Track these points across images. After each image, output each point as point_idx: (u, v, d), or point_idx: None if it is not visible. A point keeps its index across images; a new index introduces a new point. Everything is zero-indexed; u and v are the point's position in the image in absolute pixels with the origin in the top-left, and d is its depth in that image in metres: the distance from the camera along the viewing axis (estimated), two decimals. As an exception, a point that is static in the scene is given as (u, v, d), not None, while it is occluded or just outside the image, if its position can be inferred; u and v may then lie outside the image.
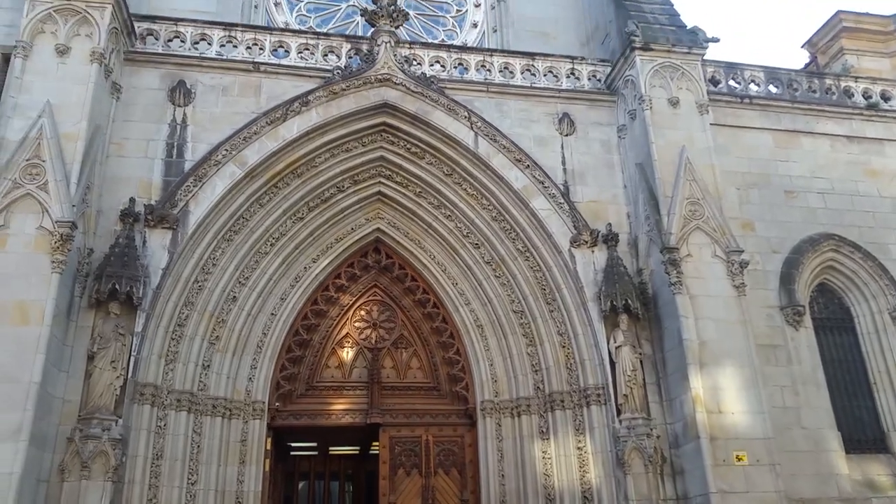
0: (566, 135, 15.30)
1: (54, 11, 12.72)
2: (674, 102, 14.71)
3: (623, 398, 13.14)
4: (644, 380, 13.46)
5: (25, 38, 12.50)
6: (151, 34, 14.33)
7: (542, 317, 14.37)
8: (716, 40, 15.20)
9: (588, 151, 15.27)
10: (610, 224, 14.42)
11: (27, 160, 11.62)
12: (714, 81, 16.14)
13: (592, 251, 14.14)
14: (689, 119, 14.68)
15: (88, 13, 12.77)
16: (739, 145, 15.86)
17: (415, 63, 15.33)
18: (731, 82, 16.40)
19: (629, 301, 13.46)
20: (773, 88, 16.61)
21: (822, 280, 15.64)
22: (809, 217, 15.65)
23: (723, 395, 12.66)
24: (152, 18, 14.52)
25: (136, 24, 14.02)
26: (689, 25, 15.59)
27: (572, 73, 15.88)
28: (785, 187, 15.82)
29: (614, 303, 13.43)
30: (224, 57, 14.45)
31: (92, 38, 12.69)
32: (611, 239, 14.16)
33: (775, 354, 14.22)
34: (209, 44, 14.51)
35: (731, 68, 16.49)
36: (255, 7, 17.14)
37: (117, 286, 11.78)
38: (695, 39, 15.19)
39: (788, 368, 14.20)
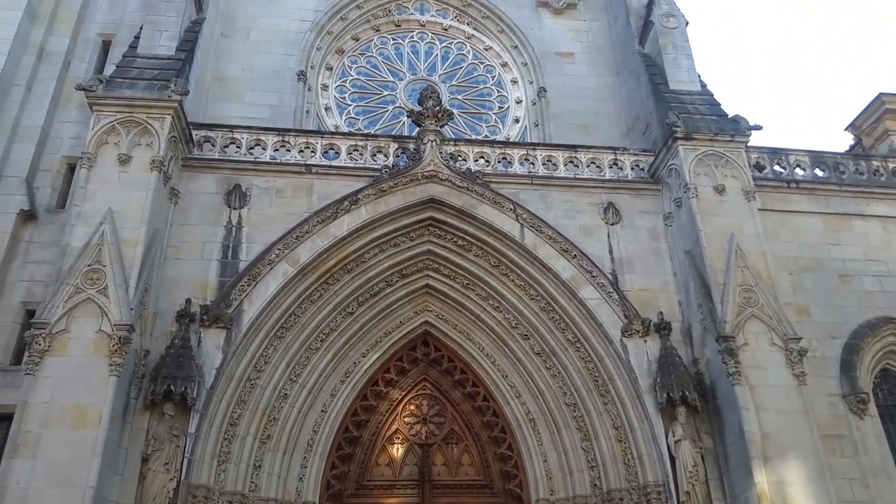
0: (612, 224, 15.34)
1: (118, 123, 13.46)
2: (720, 190, 14.71)
3: (685, 495, 12.61)
4: (706, 475, 12.93)
5: (90, 149, 13.21)
6: (208, 141, 15.01)
7: (597, 410, 14.02)
8: (758, 128, 15.30)
9: (635, 240, 15.24)
10: (661, 313, 14.22)
11: (89, 265, 12.07)
12: (759, 167, 16.16)
13: (645, 341, 13.88)
14: (736, 206, 14.63)
15: (149, 124, 13.48)
16: (789, 230, 15.70)
17: (460, 159, 15.71)
18: (777, 167, 16.41)
19: (686, 392, 13.09)
20: (819, 172, 16.54)
21: (885, 365, 15.07)
22: (866, 301, 15.24)
23: (789, 491, 12.06)
24: (209, 126, 15.25)
25: (193, 132, 14.73)
26: (731, 114, 15.76)
27: (615, 164, 16.07)
28: (838, 271, 15.52)
29: (671, 394, 13.07)
30: (277, 161, 15.02)
31: (152, 147, 13.34)
32: (663, 328, 13.92)
33: (841, 445, 13.61)
34: (263, 148, 15.13)
35: (776, 153, 16.52)
36: (307, 112, 17.90)
37: (172, 387, 11.93)
38: (737, 128, 15.31)
39: (856, 459, 13.54)
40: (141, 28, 15.45)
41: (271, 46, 18.42)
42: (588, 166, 16.05)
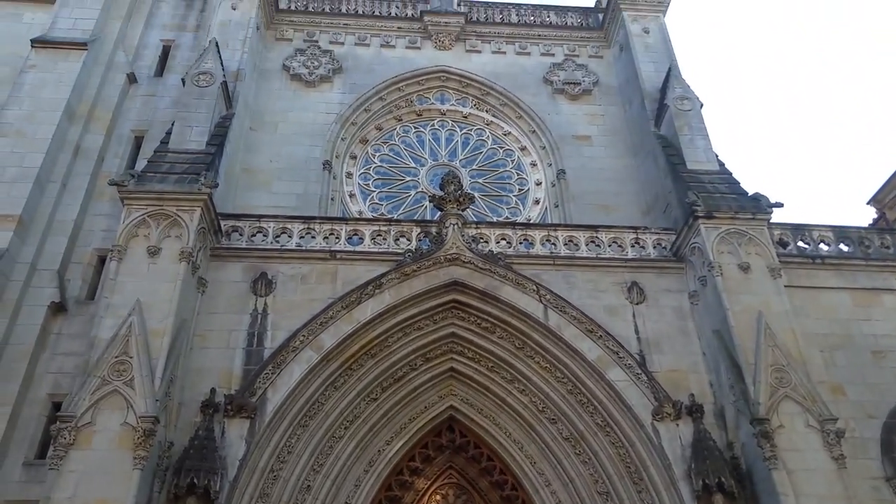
0: (637, 303, 15.23)
1: (148, 216, 13.86)
2: (744, 268, 14.61)
3: (726, 587, 11.98)
4: (747, 566, 12.30)
5: (121, 241, 13.56)
6: (236, 230, 15.36)
7: (630, 498, 13.54)
8: (779, 205, 15.33)
9: (661, 319, 15.08)
10: (692, 394, 13.90)
11: (116, 357, 12.19)
12: (782, 243, 16.09)
13: (677, 424, 13.52)
14: (762, 283, 14.49)
15: (179, 216, 13.86)
16: (817, 306, 15.45)
17: (482, 241, 15.85)
18: (800, 243, 16.30)
19: (723, 479, 12.62)
20: (844, 247, 16.41)
21: (929, 444, 14.41)
22: (903, 377, 14.77)
23: (836, 583, 11.41)
24: (237, 216, 15.63)
25: (222, 223, 15.08)
26: (751, 191, 15.84)
27: (637, 243, 16.10)
28: (871, 347, 15.14)
29: (707, 481, 12.61)
30: (303, 248, 15.28)
31: (181, 239, 13.67)
32: (695, 410, 13.57)
33: (888, 533, 12.94)
34: (289, 236, 15.43)
35: (799, 229, 16.46)
36: (332, 199, 18.32)
37: (195, 480, 11.77)
38: (758, 205, 15.35)
39: (905, 549, 12.83)
40: (173, 124, 16.12)
41: (298, 138, 19.04)
42: (610, 246, 16.09)
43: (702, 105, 17.89)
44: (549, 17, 22.56)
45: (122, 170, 16.31)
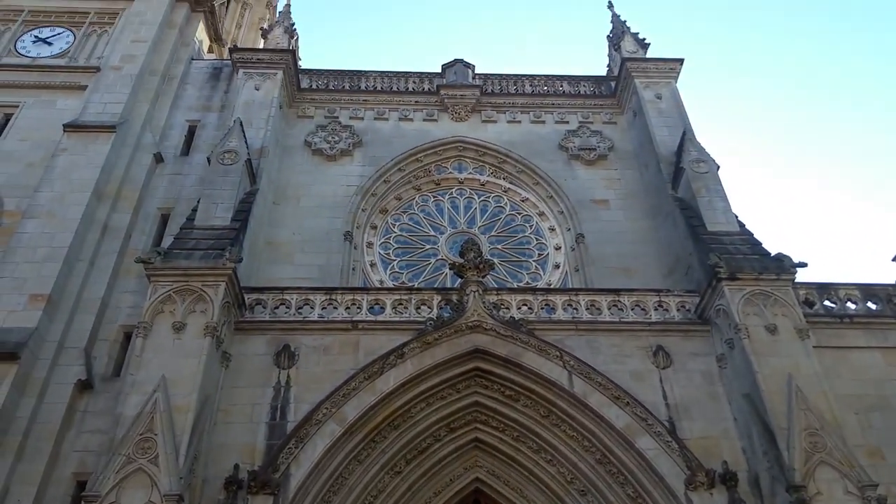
0: (663, 368, 15.02)
1: (174, 292, 14.07)
2: (771, 329, 14.41)
3: None
4: None
5: (147, 318, 13.74)
6: (259, 303, 15.52)
7: (665, 572, 13.03)
8: (803, 265, 15.22)
9: (689, 384, 14.82)
10: (725, 462, 13.51)
11: (140, 434, 12.18)
12: (809, 303, 15.89)
13: (711, 493, 13.11)
14: (790, 345, 14.25)
15: (204, 291, 14.06)
16: (848, 367, 15.13)
17: (503, 308, 15.84)
18: (827, 302, 16.10)
19: (761, 550, 12.14)
20: (871, 305, 16.16)
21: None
22: (943, 438, 14.28)
23: None
24: (260, 289, 15.82)
25: (245, 296, 15.26)
26: (773, 251, 15.79)
27: (660, 306, 15.99)
28: (908, 407, 14.69)
29: (745, 553, 12.14)
30: (325, 319, 15.37)
31: (206, 314, 13.83)
32: (729, 479, 13.17)
33: None
34: (312, 307, 15.54)
35: (824, 288, 16.28)
36: (353, 269, 18.50)
37: (218, 561, 11.54)
38: (781, 266, 15.25)
39: None
40: (198, 201, 16.53)
41: (319, 211, 19.39)
42: (633, 309, 15.99)
43: (718, 167, 18.05)
44: (562, 86, 23.10)
45: (149, 247, 16.67)
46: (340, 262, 18.33)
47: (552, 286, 18.58)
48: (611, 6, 24.67)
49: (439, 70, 23.23)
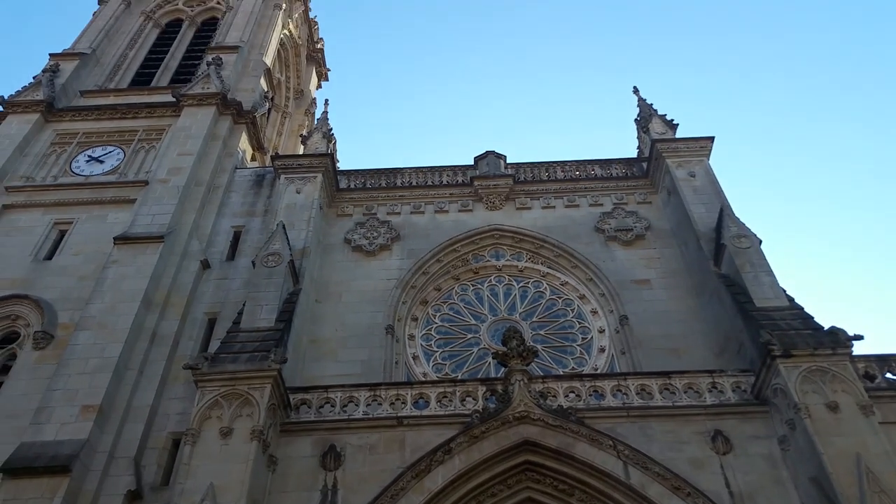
0: (723, 453, 14.37)
1: (220, 397, 14.18)
2: (832, 407, 13.78)
3: None
4: None
5: (195, 425, 13.83)
6: (305, 403, 15.52)
7: None
8: (859, 337, 14.68)
9: (752, 470, 14.12)
10: (799, 553, 12.68)
11: (189, 545, 11.98)
12: (869, 376, 15.20)
13: (786, 589, 12.23)
14: (854, 423, 13.58)
15: (250, 395, 14.14)
16: (921, 442, 14.22)
17: (550, 396, 15.52)
18: (889, 374, 15.36)
19: None
20: (937, 374, 15.38)
21: None
22: None
23: None
24: (305, 389, 15.85)
25: (291, 397, 15.27)
26: (826, 325, 15.27)
27: (714, 387, 15.47)
28: None
29: None
30: (370, 416, 15.25)
31: (252, 417, 13.86)
32: (804, 571, 12.32)
33: None
34: (356, 405, 15.47)
35: (884, 360, 15.58)
36: (396, 363, 18.46)
37: None
38: (836, 340, 14.72)
39: None
40: (244, 304, 16.87)
41: (361, 306, 19.58)
42: (686, 392, 15.50)
43: (760, 241, 17.80)
44: (593, 170, 23.37)
45: (196, 352, 16.95)
46: (383, 357, 18.30)
47: (599, 371, 18.19)
48: (636, 91, 25.20)
49: (472, 162, 23.79)
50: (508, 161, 23.73)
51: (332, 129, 24.89)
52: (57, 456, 14.14)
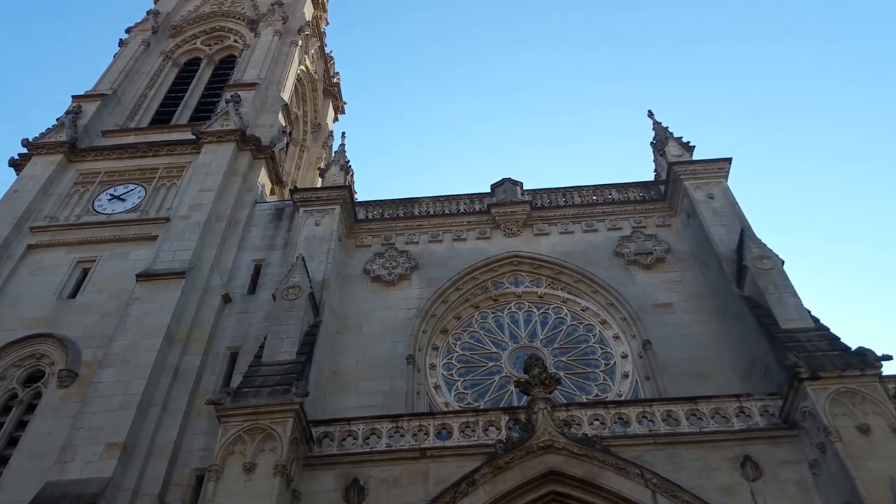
0: (753, 480, 14.06)
1: (243, 432, 14.16)
2: (864, 430, 13.47)
3: None
4: None
5: (218, 460, 13.81)
6: (327, 436, 15.46)
7: None
8: (888, 357, 14.38)
9: (783, 496, 13.80)
10: (836, 583, 12.30)
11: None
12: (900, 398, 14.84)
13: None
14: (887, 445, 13.27)
15: (273, 429, 14.12)
16: (957, 463, 13.82)
17: (574, 424, 15.32)
18: (922, 396, 14.99)
19: None
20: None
21: None
22: None
23: None
24: (327, 422, 15.80)
25: (313, 430, 15.22)
26: (853, 346, 15.01)
27: (742, 412, 15.20)
28: None
29: None
30: (393, 447, 15.16)
31: (275, 452, 13.82)
32: None
33: None
34: (378, 437, 15.40)
35: (915, 380, 15.22)
36: (417, 393, 18.36)
37: None
38: (865, 361, 14.44)
39: None
40: (265, 338, 16.91)
41: (381, 336, 19.55)
42: (713, 417, 15.24)
43: (783, 262, 17.58)
44: (610, 194, 23.33)
45: (219, 387, 17.00)
46: (405, 387, 18.21)
47: (623, 397, 17.96)
48: (651, 115, 25.18)
49: (488, 190, 23.85)
50: (525, 187, 23.76)
51: (349, 161, 25.12)
52: (82, 495, 14.16)
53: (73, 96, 28.03)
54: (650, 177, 24.30)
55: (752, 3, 76.40)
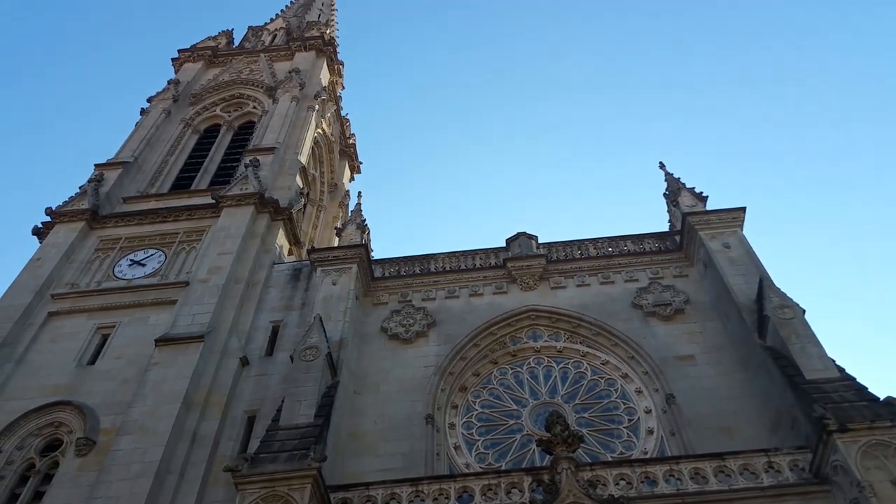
0: (788, 540, 13.54)
1: (261, 499, 13.91)
2: (901, 486, 12.98)
3: None
4: None
5: (240, 531, 13.51)
6: (346, 502, 15.17)
7: None
8: (916, 400, 13.96)
9: (819, 554, 13.25)
10: None
11: None
12: (937, 447, 14.32)
13: None
14: (924, 499, 12.73)
15: (290, 496, 13.85)
16: None
17: (599, 484, 14.94)
18: (957, 446, 14.46)
19: None
20: None
21: None
22: None
23: None
24: (346, 487, 15.53)
25: (331, 495, 14.94)
26: (881, 395, 14.61)
27: (771, 467, 14.75)
28: None
29: None
30: (413, 516, 14.79)
31: (295, 516, 13.49)
32: None
33: None
34: (398, 502, 15.12)
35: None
36: (437, 454, 18.04)
37: None
38: (894, 411, 14.01)
39: None
40: (283, 401, 16.79)
41: (400, 395, 19.36)
42: (741, 474, 14.80)
43: (804, 311, 17.30)
44: (626, 245, 23.26)
45: (236, 452, 16.82)
46: (424, 448, 17.92)
47: (649, 454, 17.51)
48: (662, 166, 25.31)
49: (503, 244, 23.91)
50: (540, 241, 23.79)
51: (365, 219, 25.39)
52: (98, 568, 13.95)
53: (95, 164, 28.73)
54: (664, 227, 24.29)
55: (758, 52, 77.31)
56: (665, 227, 24.28)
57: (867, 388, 15.13)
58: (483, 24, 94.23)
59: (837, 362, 16.09)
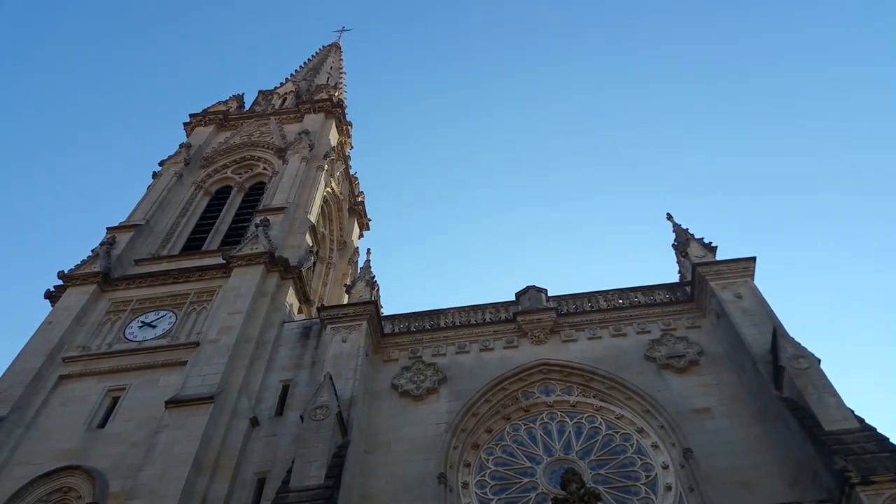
0: None
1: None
2: (933, 530, 12.58)
3: None
4: None
5: None
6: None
7: None
8: (943, 457, 13.62)
9: None
10: None
11: None
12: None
13: None
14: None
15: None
16: None
17: (620, 549, 14.49)
18: None
19: None
20: None
21: None
22: None
23: None
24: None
25: (343, 559, 14.57)
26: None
27: (793, 523, 14.34)
28: None
29: None
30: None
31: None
32: None
33: None
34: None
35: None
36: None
37: None
38: (918, 462, 13.70)
39: None
40: (293, 462, 16.55)
41: (411, 454, 19.05)
42: (766, 532, 14.36)
43: (819, 361, 17.08)
44: (636, 297, 23.16)
45: (246, 517, 16.52)
46: (437, 509, 17.54)
47: (669, 516, 17.06)
48: (670, 217, 25.38)
49: (513, 298, 23.85)
50: (549, 294, 23.74)
51: (374, 276, 25.44)
52: None
53: (107, 228, 29.06)
54: (673, 278, 24.21)
55: (764, 118, 78.36)
56: (674, 278, 24.21)
57: (889, 439, 14.82)
58: (484, 82, 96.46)
59: (856, 412, 15.79)
